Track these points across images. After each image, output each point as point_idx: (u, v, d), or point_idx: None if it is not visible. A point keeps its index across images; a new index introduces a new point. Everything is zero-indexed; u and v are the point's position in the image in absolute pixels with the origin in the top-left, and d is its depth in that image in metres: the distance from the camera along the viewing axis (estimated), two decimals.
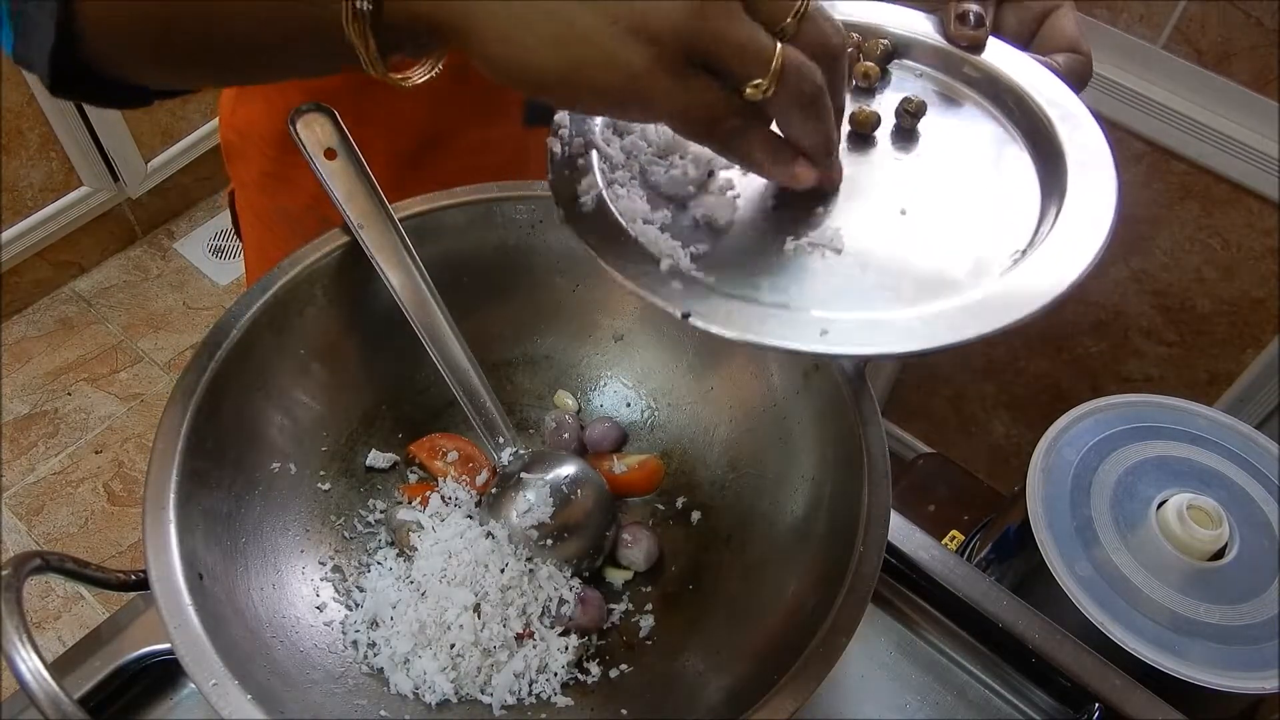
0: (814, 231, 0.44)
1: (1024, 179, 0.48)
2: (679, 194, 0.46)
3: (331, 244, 0.57)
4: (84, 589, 1.57)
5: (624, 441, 0.63)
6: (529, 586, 0.53)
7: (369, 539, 0.57)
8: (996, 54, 0.52)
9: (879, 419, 0.52)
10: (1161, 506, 0.66)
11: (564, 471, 0.56)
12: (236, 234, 0.84)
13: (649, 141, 0.47)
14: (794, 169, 0.41)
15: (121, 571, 0.47)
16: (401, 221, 0.57)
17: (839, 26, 0.39)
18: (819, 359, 0.55)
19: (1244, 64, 1.06)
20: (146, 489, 0.47)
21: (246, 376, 0.53)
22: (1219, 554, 0.65)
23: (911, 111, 0.49)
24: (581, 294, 0.63)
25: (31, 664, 0.40)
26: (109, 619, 0.56)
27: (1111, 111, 1.15)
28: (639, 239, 0.43)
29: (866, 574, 0.47)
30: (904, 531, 0.61)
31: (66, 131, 1.80)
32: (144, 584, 0.45)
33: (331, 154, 0.57)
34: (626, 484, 0.61)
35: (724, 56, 0.36)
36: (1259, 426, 1.10)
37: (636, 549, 0.57)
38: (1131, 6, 1.10)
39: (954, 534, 0.91)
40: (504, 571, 0.53)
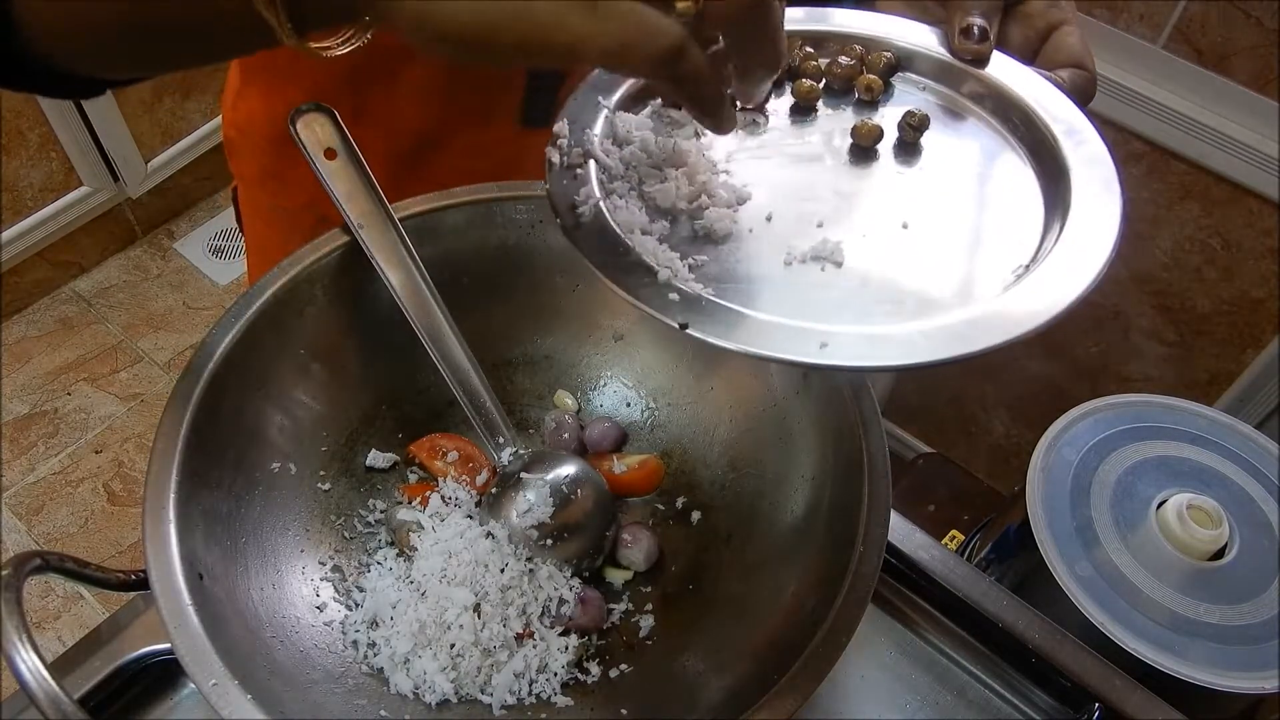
0: (814, 244, 0.44)
1: (1027, 194, 0.47)
2: (671, 207, 0.46)
3: (331, 244, 0.57)
4: (84, 589, 1.57)
5: (624, 441, 0.63)
6: (529, 586, 0.53)
7: (369, 539, 0.57)
8: (1001, 68, 0.52)
9: (879, 419, 0.52)
10: (1161, 506, 0.66)
11: (564, 471, 0.56)
12: (240, 229, 0.84)
13: (648, 153, 0.47)
14: (722, 108, 0.40)
15: (121, 571, 0.48)
16: (401, 221, 0.57)
17: None
18: (819, 371, 0.55)
19: (1244, 64, 1.06)
20: (146, 489, 0.47)
21: (246, 376, 0.53)
22: (1219, 554, 0.65)
23: (914, 125, 0.49)
24: (581, 294, 0.63)
25: (31, 664, 0.40)
26: (109, 619, 0.56)
27: (1111, 111, 1.15)
28: (637, 250, 0.43)
29: (866, 574, 0.47)
30: (904, 531, 0.61)
31: (66, 131, 1.80)
32: (144, 584, 0.45)
33: (331, 154, 0.57)
34: (626, 484, 0.61)
35: None
36: (1259, 426, 1.10)
37: (636, 549, 0.57)
38: (1131, 6, 1.10)
39: (954, 534, 0.91)
40: (504, 571, 0.53)
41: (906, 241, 0.45)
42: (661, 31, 0.34)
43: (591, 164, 0.46)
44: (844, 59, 0.52)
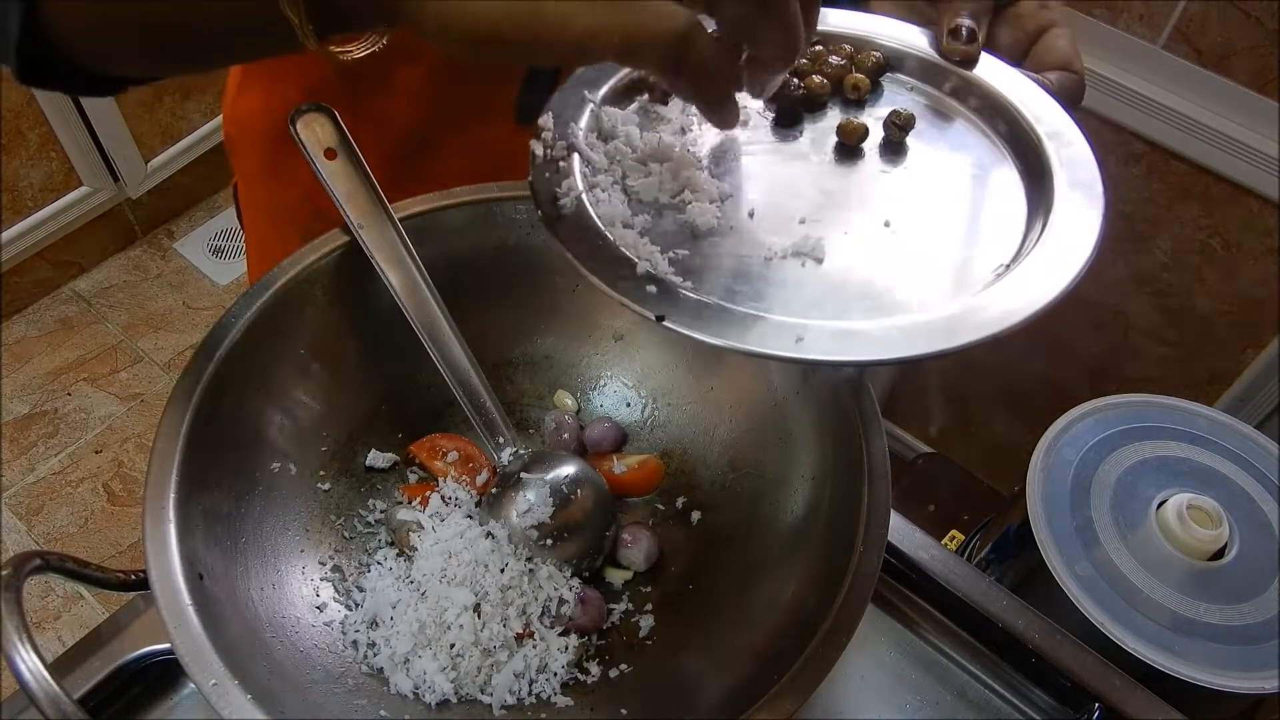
0: (795, 241, 0.44)
1: (1011, 195, 0.48)
2: (654, 201, 0.46)
3: (331, 244, 0.57)
4: (84, 589, 1.57)
5: (624, 441, 0.63)
6: (529, 586, 0.53)
7: (369, 539, 0.57)
8: (989, 70, 0.52)
9: (879, 419, 0.52)
10: (1161, 506, 0.66)
11: (564, 471, 0.56)
12: (240, 225, 0.85)
13: (633, 147, 0.47)
14: (729, 102, 0.40)
15: (121, 571, 0.48)
16: (401, 221, 0.57)
17: None
18: (792, 365, 0.55)
19: (1244, 64, 1.06)
20: (146, 489, 0.47)
21: (246, 376, 0.53)
22: (1219, 554, 0.65)
23: (900, 125, 0.49)
24: (581, 294, 0.63)
25: (31, 664, 0.40)
26: (109, 619, 0.56)
27: (1111, 111, 1.15)
28: (617, 243, 0.43)
29: (866, 574, 0.47)
30: (904, 531, 0.61)
31: (66, 131, 1.80)
32: (144, 584, 0.45)
33: (331, 154, 0.57)
34: (626, 484, 0.61)
35: None
36: (1259, 426, 1.10)
37: (636, 549, 0.57)
38: (1131, 6, 1.10)
39: (954, 534, 0.91)
40: (504, 571, 0.53)
41: (888, 240, 0.45)
42: (668, 18, 0.34)
43: (575, 157, 0.46)
44: (833, 58, 0.52)
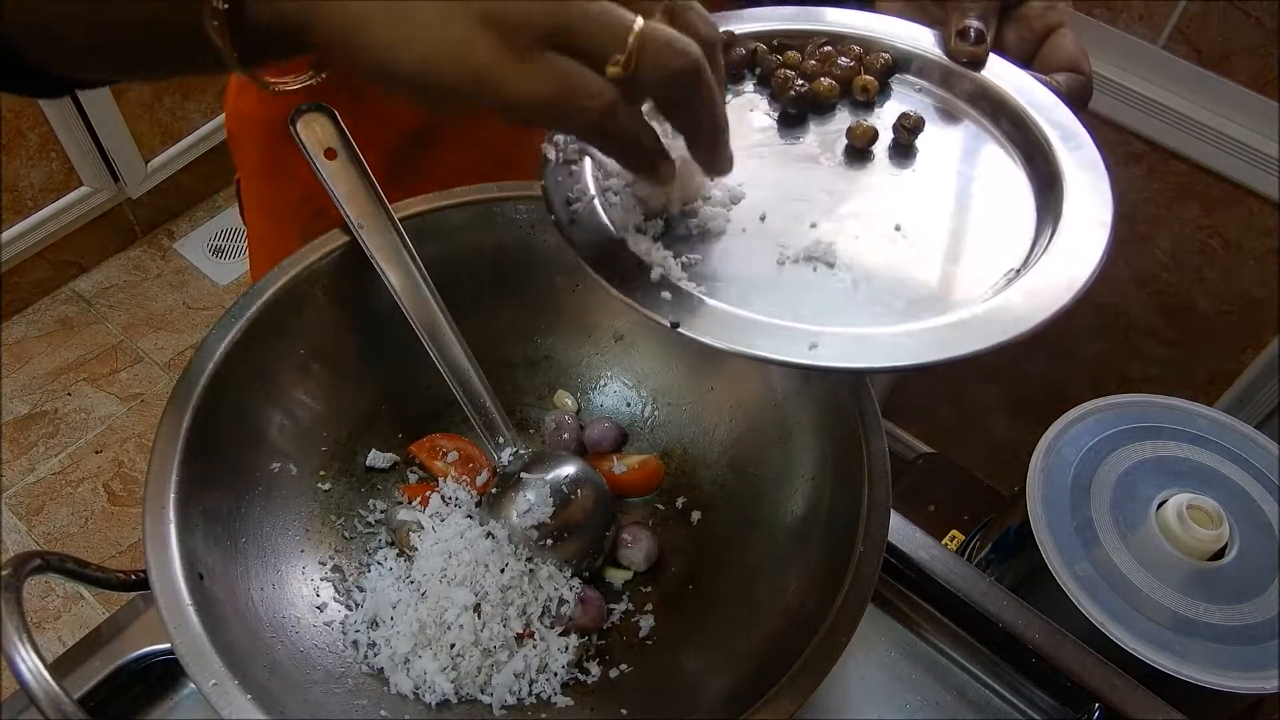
0: (807, 245, 0.44)
1: (1020, 198, 0.48)
2: (664, 208, 0.46)
3: (331, 244, 0.57)
4: (84, 589, 1.57)
5: (624, 441, 0.63)
6: (529, 586, 0.53)
7: (369, 539, 0.57)
8: (997, 71, 0.52)
9: (879, 419, 0.52)
10: (1161, 506, 0.66)
11: (564, 471, 0.56)
12: (243, 221, 0.85)
13: None
14: (657, 165, 0.39)
15: (121, 571, 0.48)
16: (401, 221, 0.57)
17: (709, 19, 0.38)
18: (807, 372, 0.55)
19: (1244, 64, 1.06)
20: (146, 489, 0.47)
21: (246, 376, 0.53)
22: (1219, 554, 0.65)
23: (909, 127, 0.49)
24: (581, 294, 0.63)
25: (31, 664, 0.40)
26: (109, 619, 0.56)
27: (1111, 111, 1.15)
28: (630, 248, 0.43)
29: (866, 574, 0.47)
30: (904, 531, 0.61)
31: (66, 131, 1.80)
32: (144, 584, 0.45)
33: (332, 154, 0.57)
34: (626, 484, 0.61)
35: (579, 34, 0.34)
36: (1259, 426, 1.09)
37: (636, 549, 0.57)
38: (1131, 6, 1.10)
39: (954, 534, 0.91)
40: (504, 571, 0.53)
41: (899, 243, 0.45)
42: (591, 93, 0.34)
43: (587, 160, 0.46)
44: (842, 59, 0.52)
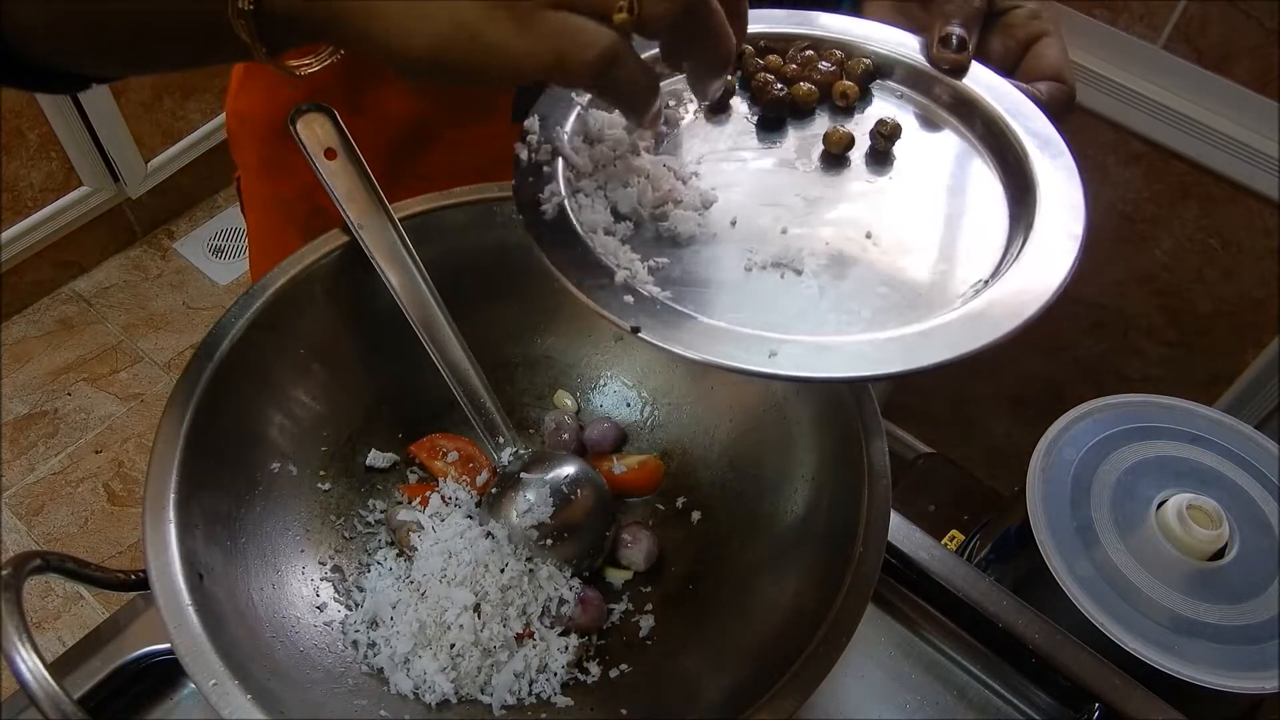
0: (776, 251, 0.44)
1: (994, 208, 0.47)
2: (634, 212, 0.46)
3: (331, 244, 0.57)
4: (84, 589, 1.57)
5: (624, 441, 0.63)
6: (529, 586, 0.53)
7: (369, 539, 0.57)
8: (978, 79, 0.51)
9: (879, 419, 0.52)
10: (1161, 506, 0.66)
11: (564, 471, 0.56)
12: (244, 217, 0.85)
13: (617, 153, 0.47)
14: (652, 107, 0.41)
15: (121, 571, 0.48)
16: (401, 221, 0.57)
17: None
18: (765, 380, 0.54)
19: (1244, 64, 1.06)
20: (146, 489, 0.47)
21: (246, 376, 0.53)
22: (1219, 554, 0.65)
23: (885, 134, 0.49)
24: None
25: (31, 664, 0.40)
26: (109, 619, 0.56)
27: (1111, 111, 1.15)
28: (598, 250, 0.43)
29: (866, 574, 0.47)
30: (904, 531, 0.61)
31: (66, 131, 1.80)
32: (144, 584, 0.45)
33: (332, 154, 0.57)
34: (626, 484, 0.61)
35: None
36: (1259, 426, 1.09)
37: (636, 549, 0.57)
38: (1131, 6, 1.10)
39: (954, 534, 0.91)
40: (504, 571, 0.53)
41: (869, 251, 0.45)
42: (593, 41, 0.36)
43: (559, 161, 0.46)
44: (823, 64, 0.52)
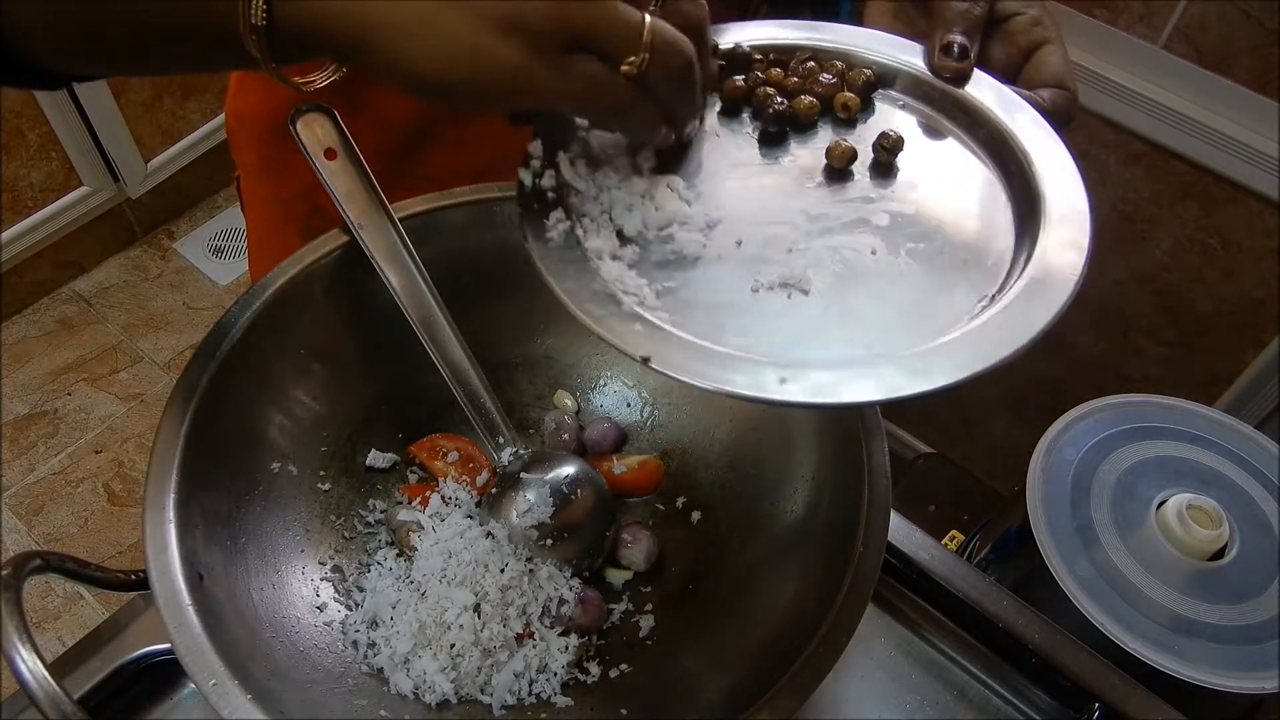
0: (782, 272, 0.44)
1: (999, 221, 0.47)
2: (639, 235, 0.45)
3: (331, 244, 0.57)
4: (84, 589, 1.57)
5: (624, 441, 0.63)
6: (529, 586, 0.53)
7: (369, 539, 0.57)
8: (981, 88, 0.51)
9: (879, 419, 0.52)
10: (1161, 506, 0.66)
11: (564, 471, 0.56)
12: (244, 217, 0.85)
13: (620, 175, 0.47)
14: (659, 132, 0.44)
15: (121, 571, 0.48)
16: (401, 221, 0.57)
17: (700, 1, 0.42)
18: (778, 407, 0.54)
19: (1244, 64, 1.06)
20: (146, 489, 0.47)
21: (246, 376, 0.53)
22: (1219, 554, 0.65)
23: (888, 147, 0.48)
24: None
25: (31, 664, 0.40)
26: (109, 619, 0.56)
27: (1111, 111, 1.15)
28: (604, 276, 0.43)
29: (866, 574, 0.47)
30: (904, 531, 0.61)
31: (66, 131, 1.80)
32: (144, 584, 0.45)
33: (332, 154, 0.57)
34: (626, 484, 0.61)
35: (598, 35, 0.38)
36: (1259, 426, 1.09)
37: (636, 549, 0.57)
38: (1131, 6, 1.10)
39: (954, 534, 0.91)
40: (504, 571, 0.53)
41: (874, 269, 0.45)
42: (615, 91, 0.39)
43: (563, 185, 0.46)
44: (824, 75, 0.51)
